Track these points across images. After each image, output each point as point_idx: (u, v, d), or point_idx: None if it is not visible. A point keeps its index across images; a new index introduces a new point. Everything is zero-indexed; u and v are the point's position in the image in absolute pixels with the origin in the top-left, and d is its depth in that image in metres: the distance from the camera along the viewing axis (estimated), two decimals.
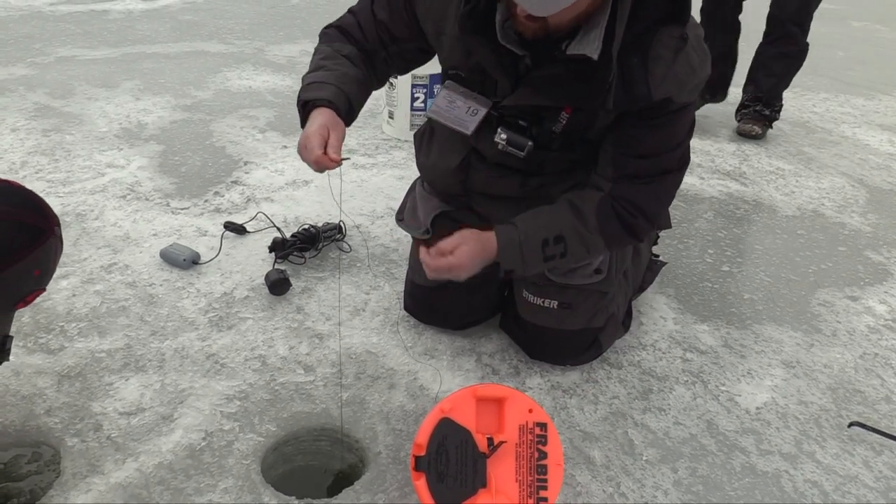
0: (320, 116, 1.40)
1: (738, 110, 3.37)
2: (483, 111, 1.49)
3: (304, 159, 1.37)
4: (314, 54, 1.57)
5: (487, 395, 1.34)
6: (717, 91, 3.34)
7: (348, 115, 1.48)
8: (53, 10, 4.63)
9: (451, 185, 1.70)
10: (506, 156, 1.52)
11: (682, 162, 1.49)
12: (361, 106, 1.55)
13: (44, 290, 1.29)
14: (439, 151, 1.70)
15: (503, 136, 1.48)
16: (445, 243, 1.47)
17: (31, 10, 4.60)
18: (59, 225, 1.27)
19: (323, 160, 1.33)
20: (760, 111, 3.26)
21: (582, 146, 1.51)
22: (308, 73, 1.52)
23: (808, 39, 3.15)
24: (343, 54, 1.56)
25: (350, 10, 1.61)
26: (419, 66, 1.68)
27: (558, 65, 1.34)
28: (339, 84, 1.47)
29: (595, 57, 1.28)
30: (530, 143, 1.47)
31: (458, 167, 1.65)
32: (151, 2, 4.94)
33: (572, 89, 1.37)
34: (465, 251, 1.46)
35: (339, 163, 1.34)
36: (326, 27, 1.61)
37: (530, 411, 1.34)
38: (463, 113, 1.51)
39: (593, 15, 1.28)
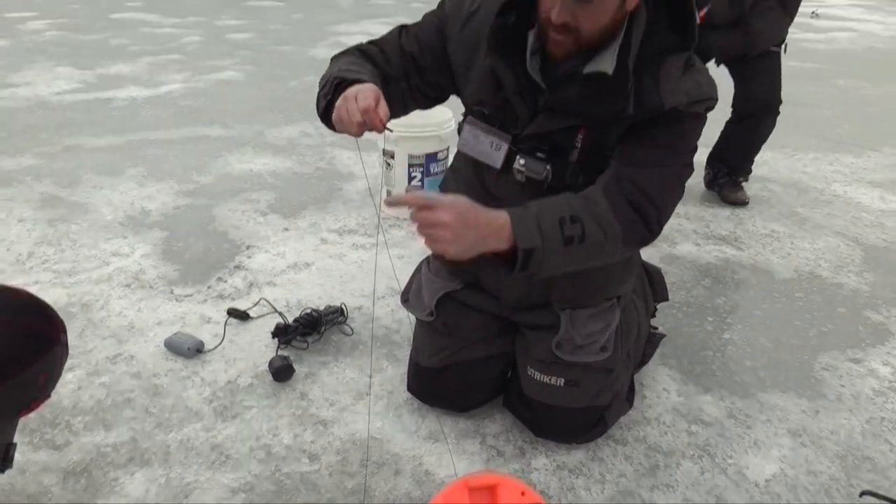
0: (367, 84, 1.35)
1: (711, 181, 3.38)
2: (505, 146, 1.51)
3: (344, 120, 1.31)
4: (335, 62, 1.54)
5: (479, 484, 1.35)
6: None
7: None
8: (60, 99, 4.76)
9: None
10: (522, 196, 1.46)
11: (685, 166, 1.49)
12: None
13: (48, 396, 1.30)
14: None
15: (521, 161, 1.50)
16: (439, 196, 1.30)
17: (37, 99, 4.73)
18: (65, 332, 1.29)
19: (373, 115, 1.28)
20: (735, 179, 3.31)
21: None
22: (334, 70, 1.47)
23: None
24: (368, 69, 1.53)
25: (372, 42, 1.60)
26: (434, 104, 1.68)
27: (575, 85, 1.40)
28: (374, 81, 1.43)
29: (610, 72, 1.35)
30: (548, 166, 1.49)
31: None
32: (154, 88, 5.08)
33: (590, 105, 1.41)
34: (460, 202, 1.29)
35: (385, 127, 1.29)
36: (344, 50, 1.58)
37: (523, 494, 1.35)
38: (488, 147, 1.54)
39: (607, 39, 1.37)
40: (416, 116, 2.85)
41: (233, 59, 6.20)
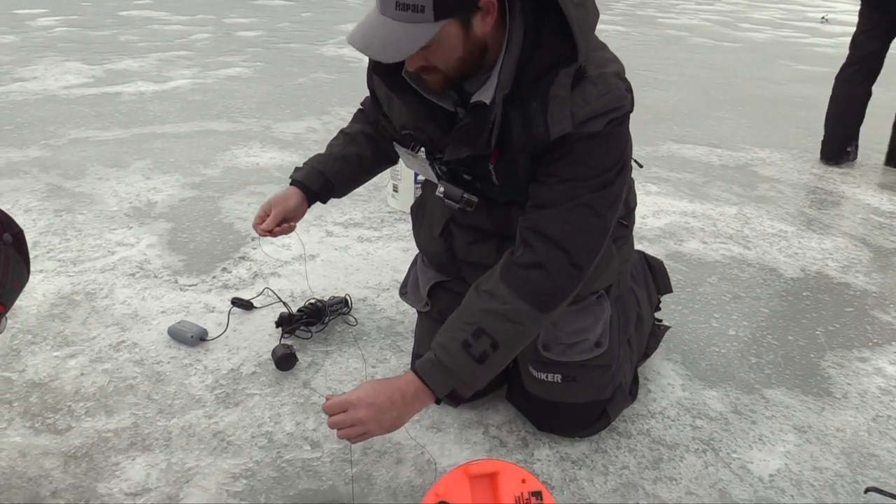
0: (277, 195, 1.77)
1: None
2: (427, 165, 1.53)
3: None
4: (329, 144, 1.86)
5: (480, 471, 1.33)
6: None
7: (324, 190, 1.79)
8: (68, 93, 4.78)
9: (440, 255, 1.73)
10: (472, 216, 1.55)
11: (598, 192, 1.36)
12: (349, 179, 1.83)
13: (3, 306, 1.14)
14: (428, 222, 1.74)
15: (441, 189, 1.50)
16: (342, 395, 1.36)
17: (46, 93, 4.75)
18: (15, 233, 1.13)
19: (256, 228, 1.75)
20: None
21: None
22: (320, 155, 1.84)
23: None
24: (347, 132, 1.82)
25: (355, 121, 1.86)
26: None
27: (469, 114, 1.36)
28: (316, 164, 1.79)
29: (488, 102, 1.29)
30: (466, 195, 1.48)
31: (441, 235, 1.68)
32: (162, 84, 5.10)
33: (472, 136, 1.36)
34: (368, 394, 1.34)
35: (265, 233, 1.74)
36: (340, 131, 1.86)
37: (524, 481, 1.33)
38: (421, 164, 1.57)
39: (489, 63, 1.31)
40: None
41: (241, 55, 6.21)
